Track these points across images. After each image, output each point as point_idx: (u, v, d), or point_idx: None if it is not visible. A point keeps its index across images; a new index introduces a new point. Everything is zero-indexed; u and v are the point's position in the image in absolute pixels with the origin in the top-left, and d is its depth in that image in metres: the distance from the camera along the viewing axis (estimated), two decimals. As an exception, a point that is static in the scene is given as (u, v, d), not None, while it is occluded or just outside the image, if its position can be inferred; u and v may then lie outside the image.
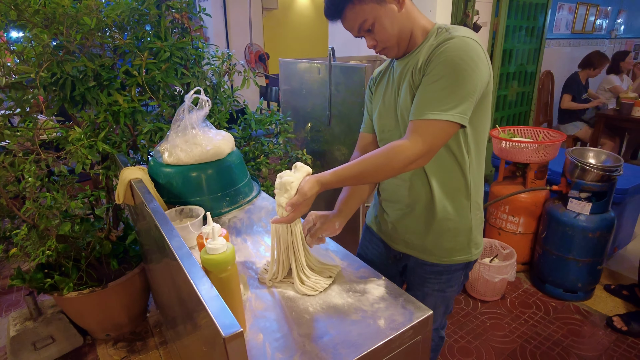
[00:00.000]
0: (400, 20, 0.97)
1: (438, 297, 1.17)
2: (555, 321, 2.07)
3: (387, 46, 1.00)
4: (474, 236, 1.11)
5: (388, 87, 1.10)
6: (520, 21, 3.25)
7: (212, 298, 0.66)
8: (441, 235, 1.09)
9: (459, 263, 1.13)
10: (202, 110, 1.40)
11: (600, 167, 1.98)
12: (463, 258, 1.12)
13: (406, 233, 1.14)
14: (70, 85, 1.53)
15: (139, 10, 1.65)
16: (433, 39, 0.97)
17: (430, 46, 0.95)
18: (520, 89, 3.54)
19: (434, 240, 1.10)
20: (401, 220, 1.14)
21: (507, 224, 2.37)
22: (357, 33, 1.00)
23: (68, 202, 1.48)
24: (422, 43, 1.00)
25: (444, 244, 1.10)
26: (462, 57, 0.88)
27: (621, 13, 5.46)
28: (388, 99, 1.09)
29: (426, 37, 1.00)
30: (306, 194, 0.90)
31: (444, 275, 1.14)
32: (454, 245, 1.10)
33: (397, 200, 1.13)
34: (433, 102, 0.90)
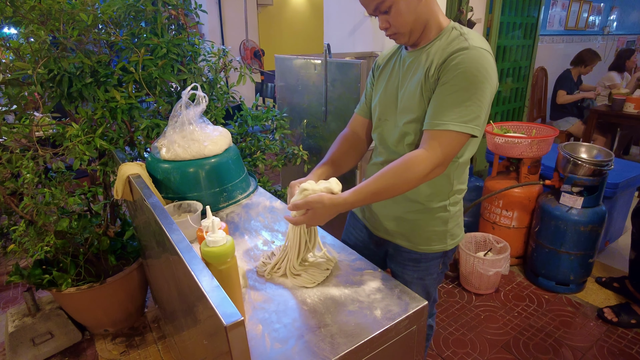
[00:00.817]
0: (419, 9, 0.96)
1: (419, 285, 1.21)
2: (548, 313, 2.10)
3: (399, 32, 0.99)
4: (450, 227, 1.15)
5: (392, 75, 1.10)
6: (514, 17, 3.28)
7: (213, 289, 0.68)
8: (419, 224, 1.13)
9: (435, 252, 1.16)
10: (199, 106, 1.41)
11: (591, 162, 2.01)
12: (438, 248, 1.16)
13: (386, 220, 1.17)
14: (67, 82, 1.53)
15: (135, 7, 1.65)
16: (447, 39, 0.98)
17: (445, 48, 0.96)
18: (514, 85, 3.57)
19: (412, 229, 1.14)
20: (382, 208, 1.17)
21: (501, 218, 2.41)
22: (372, 11, 0.98)
23: (66, 198, 1.48)
24: (435, 39, 1.00)
25: (421, 232, 1.14)
26: (479, 70, 0.90)
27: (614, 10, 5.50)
28: (390, 88, 1.10)
29: (440, 33, 1.00)
30: (309, 203, 0.94)
31: (422, 263, 1.18)
32: (430, 235, 1.14)
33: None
34: (453, 113, 0.91)
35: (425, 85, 0.98)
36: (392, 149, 1.11)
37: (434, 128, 0.93)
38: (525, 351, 1.85)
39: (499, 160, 2.49)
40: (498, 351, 1.86)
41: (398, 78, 1.07)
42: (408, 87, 1.03)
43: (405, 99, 1.03)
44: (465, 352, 1.86)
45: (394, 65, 1.11)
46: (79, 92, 1.58)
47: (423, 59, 1.00)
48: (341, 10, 3.03)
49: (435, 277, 1.22)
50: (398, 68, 1.09)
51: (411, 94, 1.02)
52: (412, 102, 1.01)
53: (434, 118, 0.94)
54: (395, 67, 1.10)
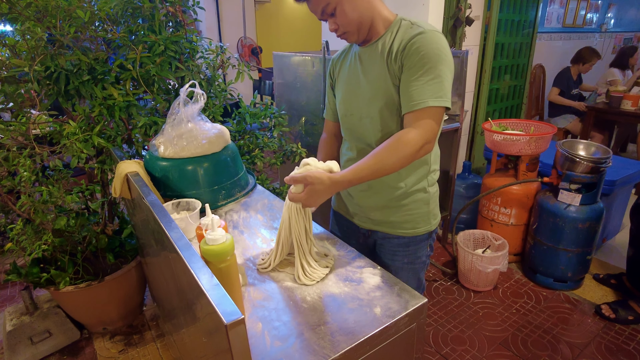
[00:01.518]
0: (361, 7, 1.03)
1: (409, 270, 1.26)
2: (546, 310, 2.11)
3: (347, 30, 1.05)
4: (431, 208, 1.22)
5: (351, 72, 1.17)
6: (512, 15, 3.28)
7: (213, 287, 0.68)
8: (403, 209, 1.19)
9: (422, 234, 1.23)
10: (197, 104, 1.40)
11: (589, 159, 2.01)
12: (424, 229, 1.22)
13: (371, 211, 1.23)
14: (65, 79, 1.53)
15: (133, 4, 1.64)
16: (399, 30, 1.05)
17: (402, 37, 1.03)
18: (512, 83, 3.58)
19: (397, 215, 1.20)
20: (365, 200, 1.22)
21: (499, 216, 2.41)
22: (320, 16, 1.06)
23: (64, 197, 1.47)
24: (385, 32, 1.07)
25: (406, 217, 1.20)
26: (440, 49, 0.98)
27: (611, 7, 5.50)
28: (352, 84, 1.16)
29: (389, 27, 1.07)
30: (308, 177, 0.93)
31: (411, 246, 1.24)
32: (415, 218, 1.21)
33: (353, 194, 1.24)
34: (428, 92, 0.98)
35: (389, 72, 1.04)
36: (363, 139, 1.17)
37: (414, 109, 0.99)
38: (523, 348, 1.86)
39: (497, 157, 2.49)
40: (496, 348, 1.86)
41: (357, 72, 1.13)
42: (370, 78, 1.10)
43: (370, 89, 1.10)
44: (464, 349, 1.87)
45: (350, 63, 1.17)
46: (76, 89, 1.57)
47: (379, 50, 1.07)
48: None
49: (423, 261, 1.29)
50: (354, 64, 1.15)
51: (374, 83, 1.08)
52: (377, 91, 1.08)
53: (412, 100, 1.00)
54: (352, 64, 1.16)
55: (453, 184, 2.56)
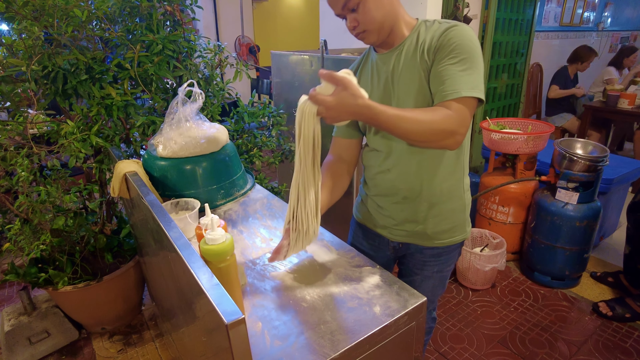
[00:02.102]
0: (386, 7, 0.98)
1: (437, 278, 1.23)
2: (543, 308, 2.12)
3: (368, 29, 0.99)
4: (467, 215, 1.18)
5: (374, 81, 1.09)
6: (510, 14, 3.28)
7: (213, 286, 0.68)
8: (440, 218, 1.13)
9: (457, 243, 1.19)
10: (195, 103, 1.40)
11: (587, 158, 2.02)
12: (460, 237, 1.18)
13: (406, 223, 1.16)
14: (62, 79, 1.52)
15: (130, 3, 1.63)
16: (427, 29, 1.01)
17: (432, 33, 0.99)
18: (510, 81, 3.58)
19: (434, 225, 1.14)
20: (400, 212, 1.15)
21: (497, 214, 2.42)
22: (340, 10, 0.99)
23: (62, 196, 1.47)
24: (411, 34, 1.03)
25: (443, 226, 1.14)
26: (472, 42, 0.95)
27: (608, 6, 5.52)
28: (377, 93, 1.08)
29: (413, 28, 1.03)
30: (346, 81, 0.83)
31: (443, 256, 1.20)
32: (452, 227, 1.15)
33: (394, 194, 1.14)
34: (461, 82, 0.93)
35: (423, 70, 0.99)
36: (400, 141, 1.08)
37: (447, 98, 0.93)
38: (521, 346, 1.87)
39: (495, 156, 2.50)
40: (494, 346, 1.87)
41: (382, 82, 1.07)
42: (402, 81, 1.03)
43: (403, 92, 1.03)
44: (462, 347, 1.87)
45: (372, 72, 1.11)
46: (74, 89, 1.57)
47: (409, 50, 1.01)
48: (337, 6, 3.01)
49: (451, 267, 1.25)
50: (377, 72, 1.09)
51: (408, 85, 1.02)
52: (410, 92, 1.01)
53: (445, 90, 0.94)
54: (374, 73, 1.10)
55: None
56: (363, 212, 1.28)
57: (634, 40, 6.38)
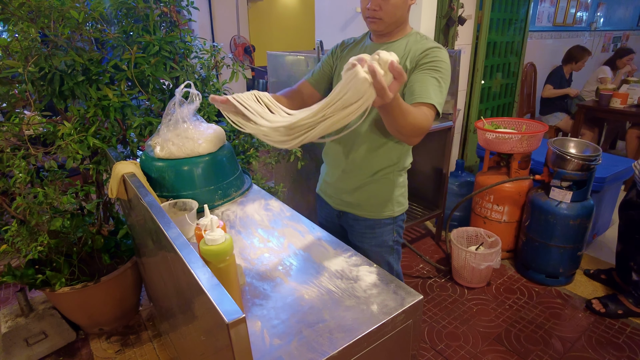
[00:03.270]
0: (404, 8, 1.15)
1: (377, 253, 1.40)
2: (538, 305, 2.15)
3: (384, 18, 1.14)
4: (395, 195, 1.35)
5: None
6: (504, 14, 3.31)
7: (214, 286, 0.69)
8: (369, 193, 1.33)
9: (386, 218, 1.36)
10: (192, 104, 1.41)
11: (580, 157, 2.05)
12: (387, 214, 1.36)
13: (345, 193, 1.38)
14: (59, 80, 1.52)
15: (127, 4, 1.64)
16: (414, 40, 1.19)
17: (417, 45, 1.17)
18: (504, 81, 3.61)
19: (363, 198, 1.34)
20: (339, 183, 1.37)
21: (492, 213, 2.44)
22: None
23: (59, 198, 1.47)
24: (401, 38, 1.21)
25: (371, 200, 1.34)
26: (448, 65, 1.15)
27: (600, 6, 5.57)
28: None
29: (405, 35, 1.22)
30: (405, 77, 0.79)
31: (376, 229, 1.38)
32: (380, 202, 1.34)
33: (337, 165, 1.36)
34: (433, 93, 1.09)
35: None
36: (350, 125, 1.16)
37: (422, 100, 1.07)
38: (516, 343, 1.89)
39: (489, 155, 2.52)
40: (490, 343, 1.89)
41: None
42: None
43: None
44: (458, 344, 1.89)
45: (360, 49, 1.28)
46: (71, 90, 1.57)
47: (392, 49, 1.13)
48: (332, 6, 3.03)
49: (390, 245, 1.41)
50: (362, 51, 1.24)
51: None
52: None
53: (422, 94, 1.08)
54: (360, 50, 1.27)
55: (446, 182, 2.59)
56: (320, 183, 1.51)
57: (627, 40, 6.44)
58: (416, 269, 2.50)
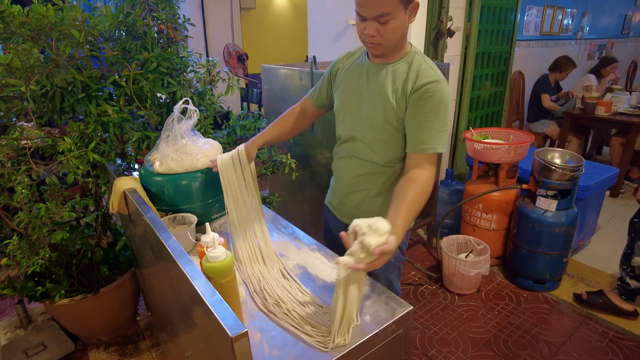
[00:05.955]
0: (403, 30, 1.09)
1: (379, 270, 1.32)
2: (526, 311, 2.21)
3: (382, 43, 1.09)
4: None
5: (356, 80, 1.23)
6: (492, 25, 3.40)
7: (217, 302, 0.74)
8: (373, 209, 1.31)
9: None
10: (190, 120, 1.46)
11: (564, 167, 2.13)
12: None
13: (348, 207, 1.37)
14: (60, 97, 1.56)
15: (125, 22, 1.68)
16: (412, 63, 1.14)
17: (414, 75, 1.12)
18: (493, 90, 3.70)
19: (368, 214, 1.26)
20: (346, 197, 1.36)
21: (481, 221, 2.51)
22: (369, 15, 1.04)
23: (61, 212, 1.51)
24: (398, 60, 1.16)
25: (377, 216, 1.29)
26: (447, 100, 1.11)
27: (585, 15, 5.71)
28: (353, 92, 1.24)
29: (404, 56, 1.16)
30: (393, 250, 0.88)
31: None
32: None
33: (342, 180, 1.35)
34: (435, 138, 1.11)
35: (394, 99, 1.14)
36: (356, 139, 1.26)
37: (425, 152, 1.12)
38: (505, 348, 1.95)
39: (478, 165, 2.59)
40: (480, 349, 1.95)
41: (362, 84, 1.22)
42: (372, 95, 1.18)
43: (369, 105, 1.19)
44: (449, 350, 1.95)
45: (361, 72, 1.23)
46: (71, 106, 1.61)
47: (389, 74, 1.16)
48: (325, 18, 3.10)
49: (392, 262, 1.35)
50: (362, 73, 1.22)
51: (375, 102, 1.18)
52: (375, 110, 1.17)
53: (424, 143, 1.11)
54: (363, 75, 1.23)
55: (437, 190, 2.66)
56: (329, 195, 1.50)
57: (612, 47, 6.60)
58: (408, 276, 2.56)
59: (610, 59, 4.63)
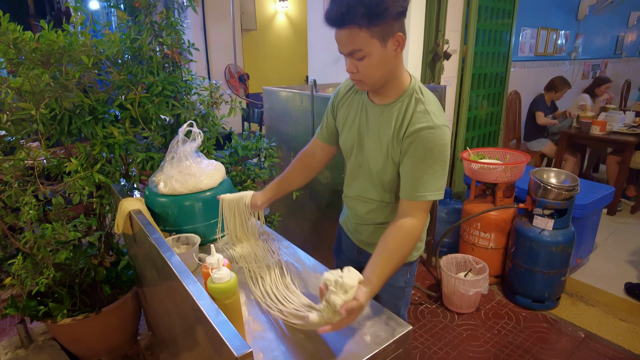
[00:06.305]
0: (389, 65, 1.03)
1: (388, 293, 1.32)
2: (525, 330, 2.22)
3: (363, 80, 1.05)
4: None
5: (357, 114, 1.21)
6: (487, 47, 3.49)
7: (222, 323, 0.76)
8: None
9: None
10: (194, 142, 1.50)
11: (559, 187, 2.17)
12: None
13: (362, 232, 1.36)
14: (68, 120, 1.61)
15: (133, 47, 1.74)
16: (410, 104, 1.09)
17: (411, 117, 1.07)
18: (490, 110, 3.77)
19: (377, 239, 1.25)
20: (358, 226, 1.36)
21: (480, 240, 2.54)
22: (345, 52, 1.02)
23: (67, 233, 1.53)
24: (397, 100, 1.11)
25: None
26: (443, 146, 1.06)
27: (579, 37, 5.86)
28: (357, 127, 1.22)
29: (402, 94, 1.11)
30: (363, 305, 0.90)
31: None
32: None
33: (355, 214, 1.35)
34: (429, 185, 1.07)
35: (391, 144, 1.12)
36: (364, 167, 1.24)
37: (417, 200, 1.08)
38: (505, 367, 1.96)
39: (476, 184, 2.63)
40: (480, 368, 1.96)
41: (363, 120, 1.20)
42: (373, 135, 1.17)
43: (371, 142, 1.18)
44: (449, 370, 1.95)
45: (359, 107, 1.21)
46: (78, 129, 1.65)
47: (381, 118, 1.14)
48: (325, 40, 3.18)
49: (401, 286, 1.36)
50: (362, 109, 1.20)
51: (376, 142, 1.16)
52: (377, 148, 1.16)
53: (415, 190, 1.08)
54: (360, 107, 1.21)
55: (435, 209, 2.69)
56: (343, 216, 1.48)
57: (605, 67, 6.74)
58: (408, 294, 2.56)
59: (604, 79, 4.74)
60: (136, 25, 1.79)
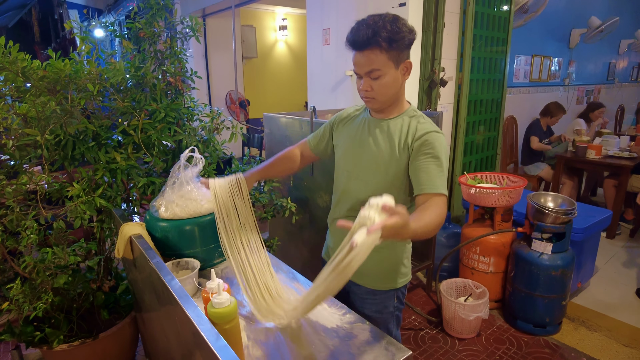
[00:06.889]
0: (397, 86, 1.20)
1: (378, 319, 1.39)
2: (527, 356, 2.19)
3: (375, 98, 1.20)
4: (398, 268, 1.38)
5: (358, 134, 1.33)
6: (483, 74, 3.57)
7: (222, 347, 0.77)
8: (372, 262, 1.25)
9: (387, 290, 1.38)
10: (196, 167, 1.53)
11: (557, 211, 2.19)
12: (390, 285, 1.38)
13: None
14: (72, 145, 1.64)
15: (137, 75, 1.79)
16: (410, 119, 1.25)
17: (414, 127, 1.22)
18: (487, 135, 3.83)
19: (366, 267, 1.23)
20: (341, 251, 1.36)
21: (479, 264, 2.53)
22: (362, 71, 1.17)
23: (67, 257, 1.54)
24: (398, 116, 1.27)
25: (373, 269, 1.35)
26: (446, 150, 1.21)
27: (572, 64, 6.00)
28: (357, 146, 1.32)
29: (402, 113, 1.28)
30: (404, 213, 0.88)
31: (378, 296, 1.39)
32: (382, 272, 1.37)
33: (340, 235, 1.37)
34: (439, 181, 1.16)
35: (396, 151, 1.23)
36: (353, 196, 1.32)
37: (433, 191, 1.15)
38: (507, 395, 1.92)
39: (474, 208, 2.65)
40: (482, 396, 1.92)
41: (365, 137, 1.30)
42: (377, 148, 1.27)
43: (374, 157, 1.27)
44: (451, 398, 1.92)
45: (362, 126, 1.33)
46: (82, 154, 1.68)
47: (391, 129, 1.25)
48: (324, 68, 3.26)
49: (391, 312, 1.41)
50: (364, 128, 1.32)
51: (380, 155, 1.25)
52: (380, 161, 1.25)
53: (431, 184, 1.16)
54: (361, 127, 1.33)
55: (434, 233, 2.69)
56: (325, 248, 1.56)
57: (599, 93, 6.87)
58: (408, 320, 2.54)
59: (598, 104, 4.83)
60: (140, 54, 1.85)
